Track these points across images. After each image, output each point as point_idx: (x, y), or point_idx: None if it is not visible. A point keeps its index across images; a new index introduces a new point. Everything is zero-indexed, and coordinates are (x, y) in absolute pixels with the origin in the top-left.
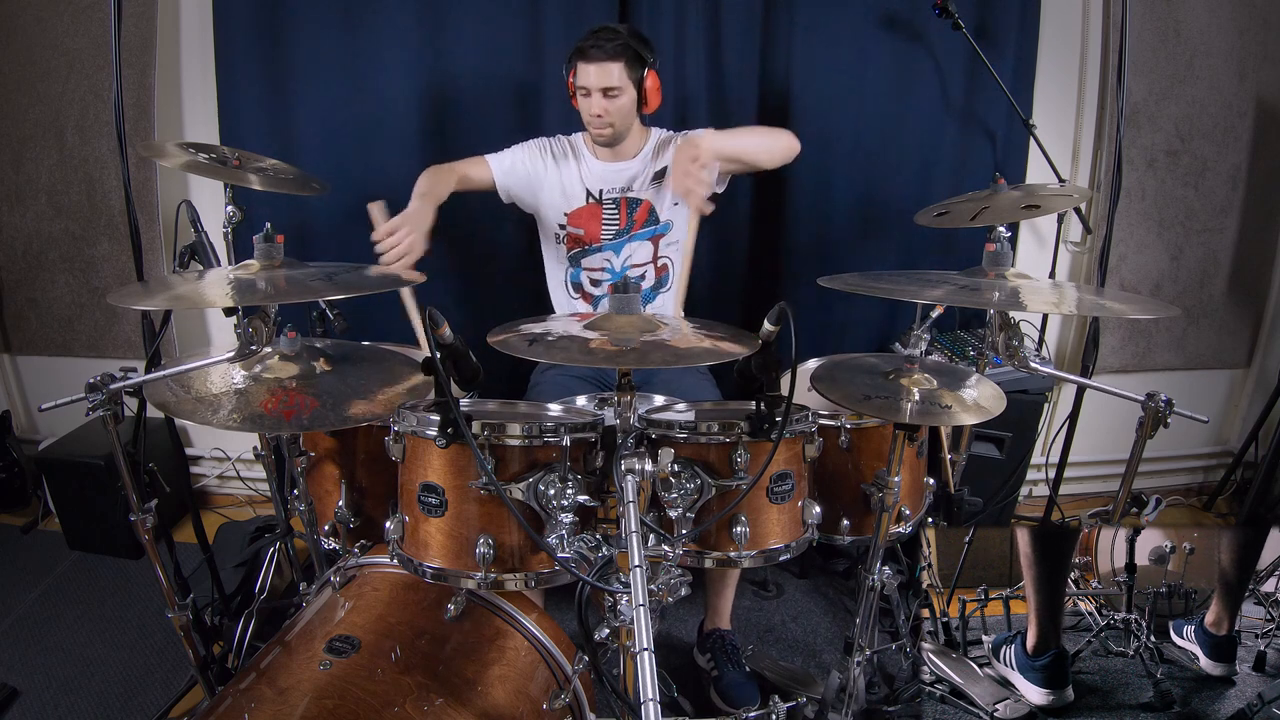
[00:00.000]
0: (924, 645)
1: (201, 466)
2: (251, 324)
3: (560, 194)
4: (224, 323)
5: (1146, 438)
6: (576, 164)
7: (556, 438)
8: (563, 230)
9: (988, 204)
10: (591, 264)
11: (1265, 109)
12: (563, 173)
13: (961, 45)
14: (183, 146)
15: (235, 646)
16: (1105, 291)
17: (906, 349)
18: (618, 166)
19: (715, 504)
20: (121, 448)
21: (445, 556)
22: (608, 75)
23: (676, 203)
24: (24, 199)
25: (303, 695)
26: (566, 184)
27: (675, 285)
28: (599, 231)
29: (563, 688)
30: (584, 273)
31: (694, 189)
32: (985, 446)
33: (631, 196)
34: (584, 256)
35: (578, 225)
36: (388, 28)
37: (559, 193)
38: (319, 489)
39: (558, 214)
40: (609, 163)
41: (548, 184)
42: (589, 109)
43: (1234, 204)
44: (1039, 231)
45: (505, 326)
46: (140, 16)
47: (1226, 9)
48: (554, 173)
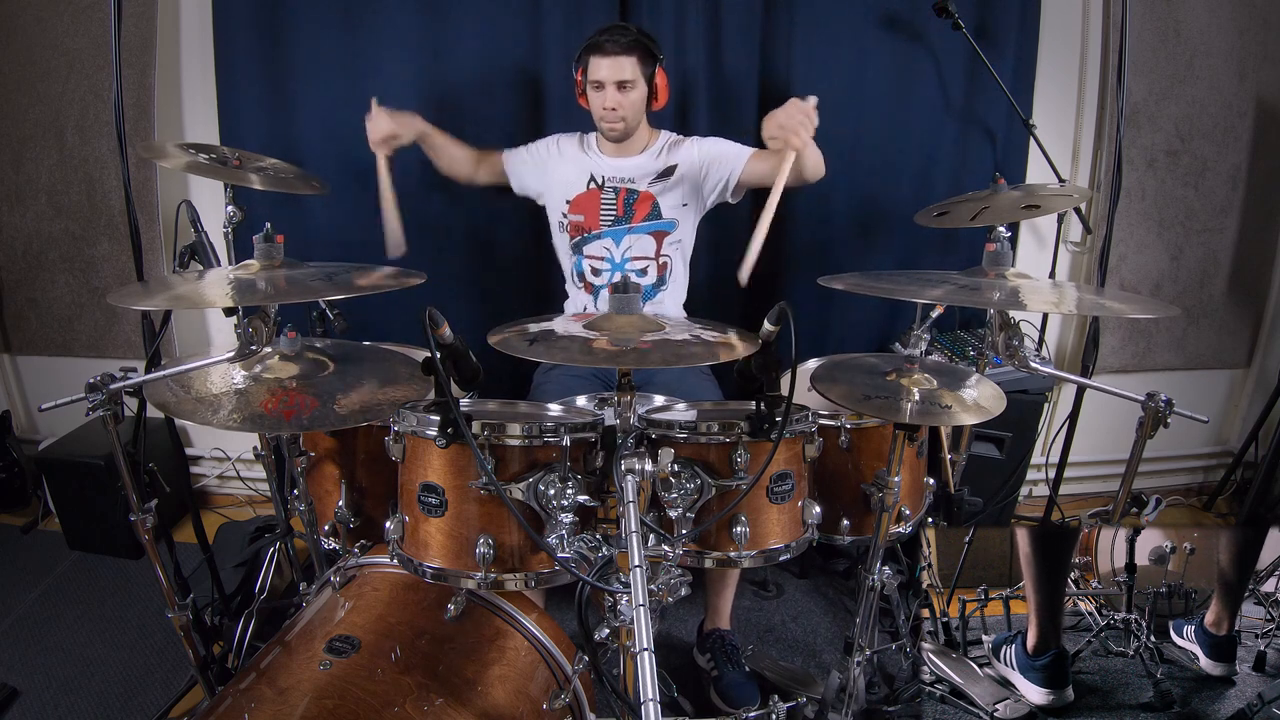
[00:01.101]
0: (924, 645)
1: (201, 466)
2: (251, 324)
3: (565, 180)
4: (224, 323)
5: (1146, 438)
6: (584, 153)
7: (556, 438)
8: (565, 219)
9: (988, 204)
10: (592, 251)
11: (1265, 109)
12: (571, 161)
13: (961, 45)
14: (183, 147)
15: (235, 646)
16: (1105, 291)
17: (906, 349)
18: (623, 161)
19: (715, 504)
20: (121, 448)
21: (445, 556)
22: (622, 69)
23: (685, 204)
24: (24, 199)
25: (303, 695)
26: (572, 171)
27: (676, 283)
28: (597, 217)
29: (563, 688)
30: (586, 260)
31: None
32: (985, 446)
33: (632, 188)
34: (585, 244)
35: (578, 211)
36: (388, 27)
37: (564, 178)
38: (319, 489)
39: (560, 201)
40: (614, 157)
41: (556, 170)
42: (602, 103)
43: (1234, 204)
44: (1039, 231)
45: (505, 326)
46: (140, 16)
47: (1226, 9)
48: (562, 160)
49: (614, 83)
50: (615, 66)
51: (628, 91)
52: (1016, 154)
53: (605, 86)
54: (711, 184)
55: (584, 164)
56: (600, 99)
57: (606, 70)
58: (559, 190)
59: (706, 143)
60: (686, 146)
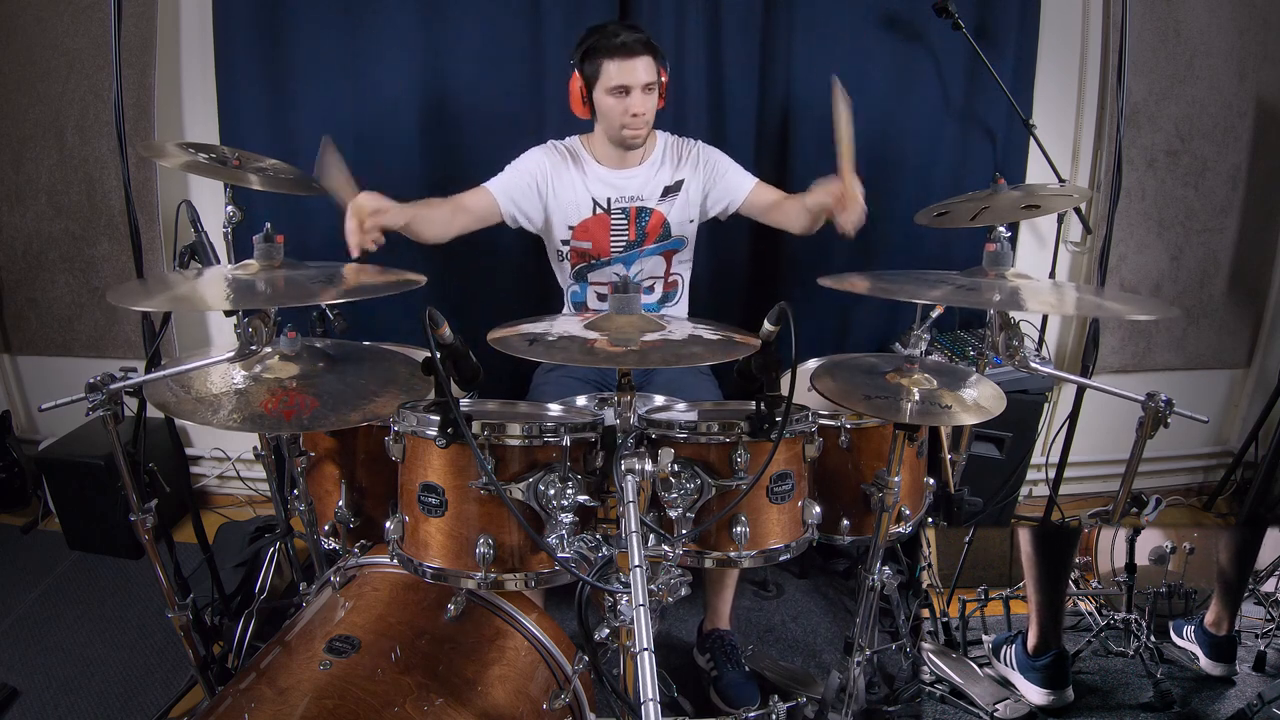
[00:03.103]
0: (924, 645)
1: (201, 466)
2: (251, 324)
3: (565, 204)
4: (224, 323)
5: (1146, 438)
6: (580, 171)
7: (556, 438)
8: (566, 246)
9: (988, 204)
10: (600, 278)
11: (1265, 109)
12: (567, 181)
13: (961, 45)
14: (183, 146)
15: (235, 646)
16: (1105, 291)
17: (906, 349)
18: (626, 173)
19: (715, 504)
20: (121, 448)
21: (445, 556)
22: (647, 71)
23: (693, 220)
24: (24, 199)
25: (303, 695)
26: (572, 193)
27: (683, 299)
28: (608, 243)
29: (563, 688)
30: (590, 288)
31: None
32: (985, 446)
33: (641, 206)
34: (590, 271)
35: (584, 238)
36: (388, 28)
37: (564, 202)
38: (319, 489)
39: (562, 228)
40: (616, 169)
41: (553, 190)
42: (627, 109)
43: (1234, 204)
44: (1039, 231)
45: (505, 326)
46: (140, 16)
47: (1226, 9)
48: (559, 181)
49: (641, 86)
50: (639, 69)
51: (652, 93)
52: (1016, 154)
53: (632, 91)
54: (710, 203)
55: (581, 184)
56: (623, 105)
57: (630, 74)
58: (559, 216)
59: (710, 156)
60: (691, 158)
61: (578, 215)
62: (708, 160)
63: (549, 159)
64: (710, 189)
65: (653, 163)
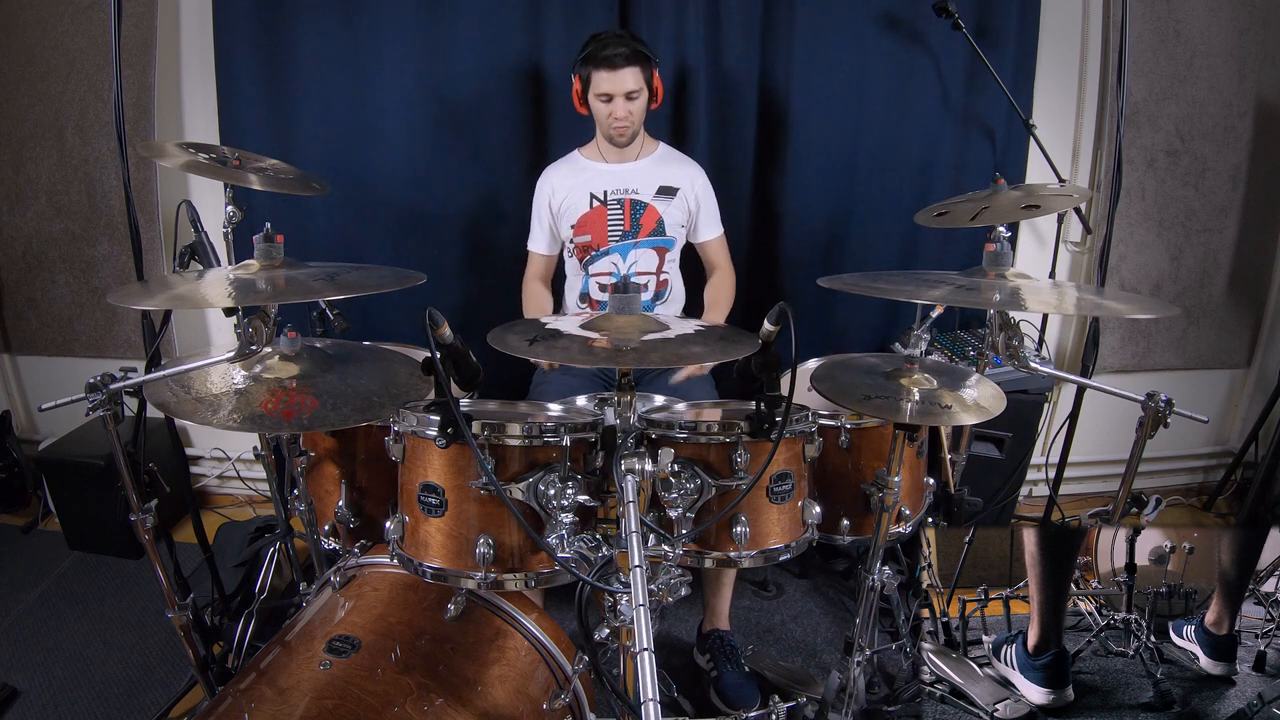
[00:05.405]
0: (924, 645)
1: (201, 466)
2: (251, 324)
3: (567, 207)
4: (224, 323)
5: (1146, 438)
6: (578, 173)
7: (556, 438)
8: (572, 243)
9: (988, 204)
10: (599, 269)
11: (1265, 109)
12: (567, 185)
13: (961, 45)
14: (183, 146)
15: (235, 646)
16: (1105, 291)
17: (906, 349)
18: (623, 166)
19: (715, 504)
20: (121, 448)
21: (445, 556)
22: (629, 80)
23: (684, 225)
24: (24, 199)
25: (303, 695)
26: (571, 193)
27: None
28: (605, 233)
29: (563, 688)
30: (592, 280)
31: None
32: (985, 446)
33: (636, 199)
34: (593, 262)
35: (584, 231)
36: (388, 28)
37: (567, 206)
38: (319, 489)
39: (566, 228)
40: (614, 164)
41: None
42: (611, 113)
43: (1234, 204)
44: (1039, 231)
45: (505, 326)
46: (140, 16)
47: (1226, 9)
48: (559, 186)
49: (624, 94)
50: (622, 80)
51: (635, 100)
52: (1016, 154)
53: (614, 99)
54: (689, 223)
55: (581, 183)
56: (609, 110)
57: (614, 83)
58: (564, 219)
59: (704, 186)
60: (689, 175)
61: (577, 212)
62: (704, 188)
63: (549, 177)
64: (697, 211)
65: (650, 161)
